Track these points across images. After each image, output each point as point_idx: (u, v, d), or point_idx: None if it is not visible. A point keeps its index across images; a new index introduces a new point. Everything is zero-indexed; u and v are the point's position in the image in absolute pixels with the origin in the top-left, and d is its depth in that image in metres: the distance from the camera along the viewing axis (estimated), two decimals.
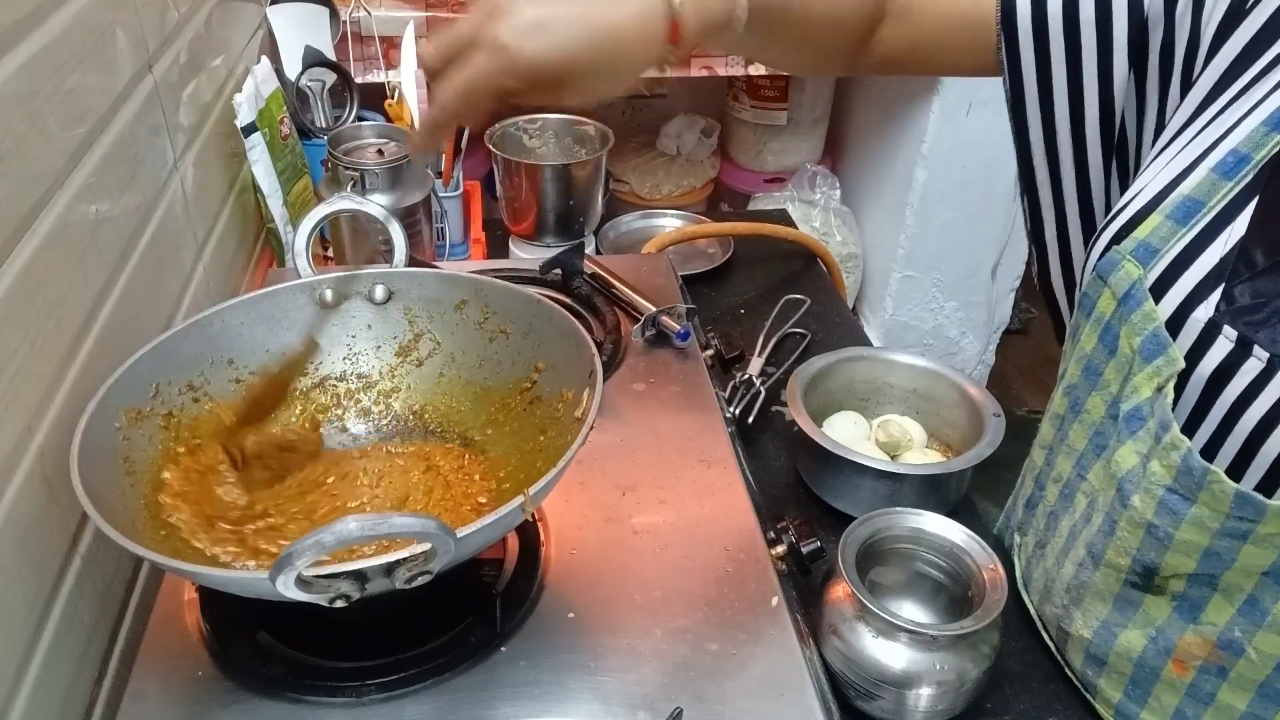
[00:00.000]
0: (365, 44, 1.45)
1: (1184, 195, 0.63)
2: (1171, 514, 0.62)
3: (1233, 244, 0.60)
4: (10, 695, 0.58)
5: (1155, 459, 0.63)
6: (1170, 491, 0.62)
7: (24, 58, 0.63)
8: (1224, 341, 0.59)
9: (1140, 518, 0.65)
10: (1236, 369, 0.59)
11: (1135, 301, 0.64)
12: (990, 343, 2.01)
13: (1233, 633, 0.64)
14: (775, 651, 0.65)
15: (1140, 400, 0.64)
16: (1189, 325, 0.61)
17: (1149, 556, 0.66)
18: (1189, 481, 0.60)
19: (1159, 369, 0.62)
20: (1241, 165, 0.61)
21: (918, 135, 1.75)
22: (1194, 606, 0.66)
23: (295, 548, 0.47)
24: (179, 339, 0.70)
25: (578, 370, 0.69)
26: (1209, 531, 0.61)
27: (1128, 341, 0.65)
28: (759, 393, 1.08)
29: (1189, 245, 0.62)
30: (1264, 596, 0.62)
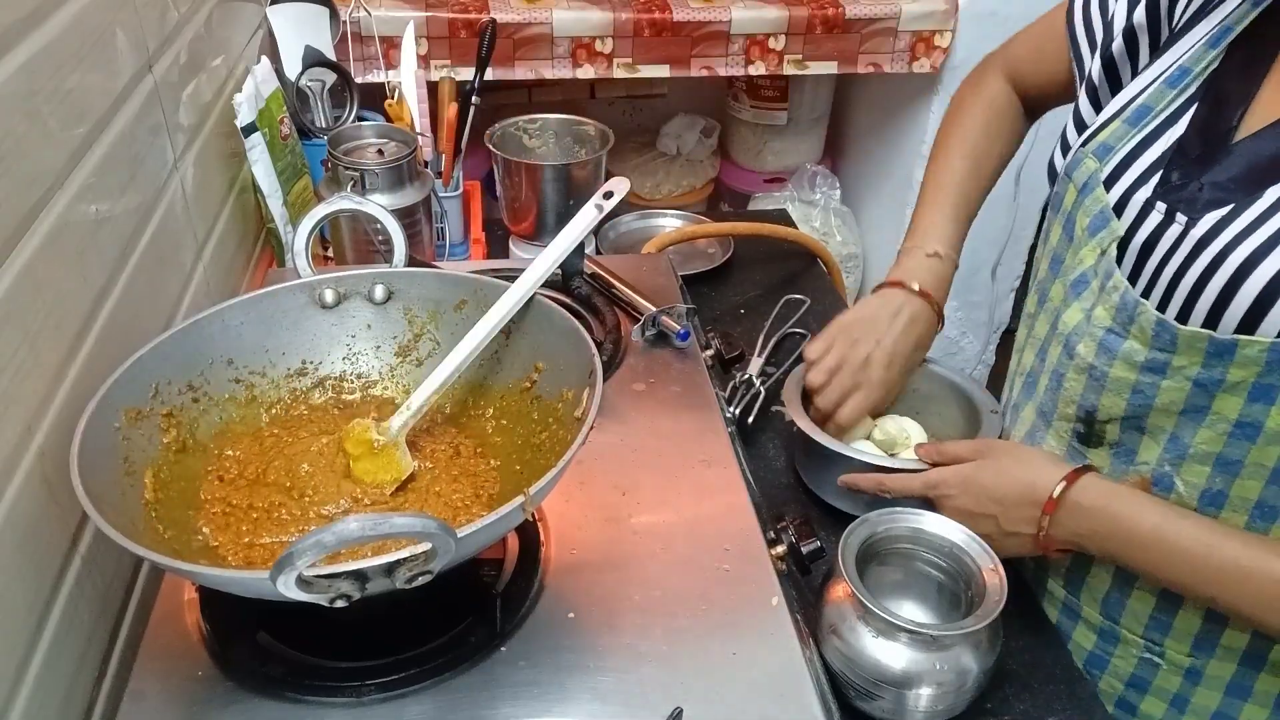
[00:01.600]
0: (365, 44, 1.45)
1: (1139, 104, 0.77)
2: (1108, 352, 0.75)
3: (1174, 140, 0.74)
4: (10, 695, 0.58)
5: (1099, 305, 0.76)
6: (1109, 332, 0.75)
7: (24, 58, 0.63)
8: (1155, 215, 0.73)
9: (1084, 363, 0.78)
10: (1163, 233, 0.72)
11: (1089, 189, 0.77)
12: (990, 343, 2.01)
13: (1163, 468, 0.75)
14: (775, 651, 0.65)
15: (1084, 268, 0.78)
16: (1130, 205, 0.75)
17: (1090, 400, 0.78)
18: (1124, 317, 0.73)
19: (1101, 240, 0.76)
20: (1185, 76, 0.75)
21: (918, 135, 1.75)
22: (1128, 451, 0.78)
23: (295, 548, 0.47)
24: (179, 339, 0.70)
25: (578, 370, 0.69)
26: (1136, 366, 0.73)
27: (1080, 224, 0.78)
28: (759, 393, 1.08)
29: (1139, 143, 0.76)
30: (1183, 434, 0.73)
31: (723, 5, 1.53)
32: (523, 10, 1.48)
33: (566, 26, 1.49)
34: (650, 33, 1.52)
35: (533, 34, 1.48)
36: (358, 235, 1.17)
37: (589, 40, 1.51)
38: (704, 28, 1.53)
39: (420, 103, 1.33)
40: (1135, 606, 0.80)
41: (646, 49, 1.53)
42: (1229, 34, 0.73)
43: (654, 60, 1.55)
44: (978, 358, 2.01)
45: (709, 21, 1.52)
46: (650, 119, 2.03)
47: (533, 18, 1.47)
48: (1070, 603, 0.86)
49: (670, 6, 1.53)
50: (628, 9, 1.52)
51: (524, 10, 1.48)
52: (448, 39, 1.47)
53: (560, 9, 1.49)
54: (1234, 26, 0.73)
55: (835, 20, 1.55)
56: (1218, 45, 0.74)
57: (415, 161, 1.18)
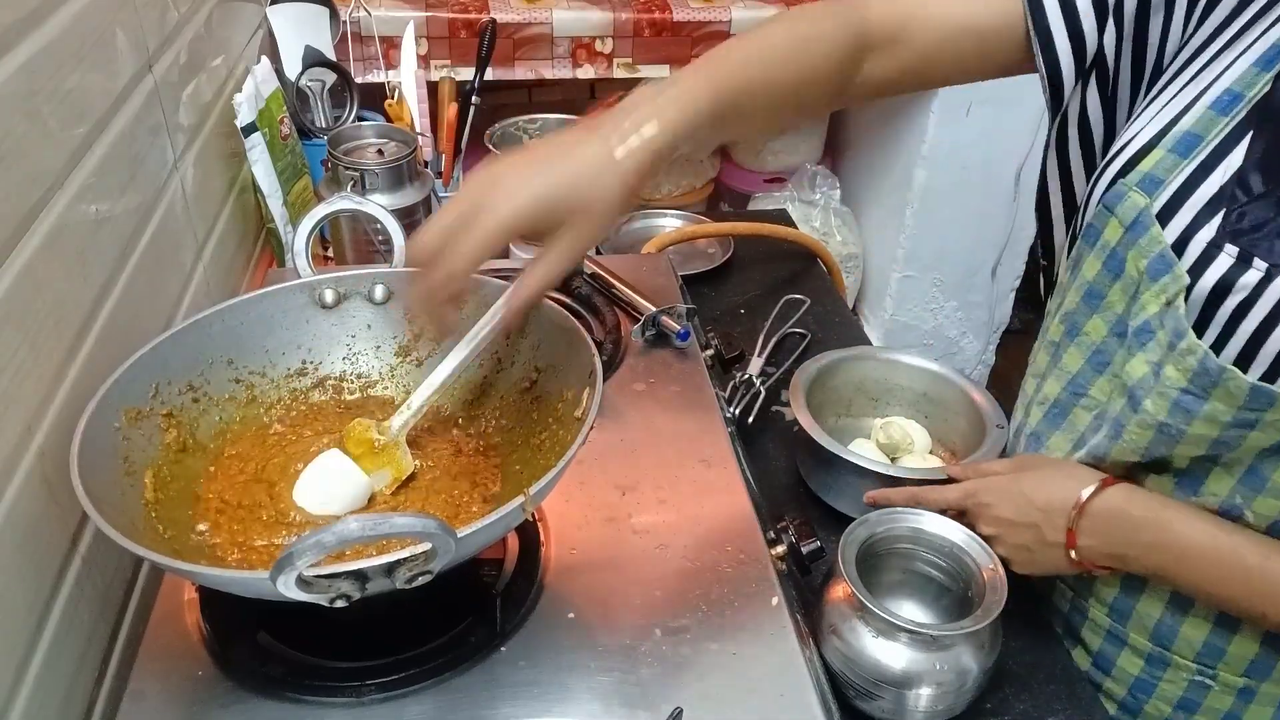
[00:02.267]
0: (365, 44, 1.45)
1: (1184, 130, 0.69)
2: (1185, 413, 0.68)
3: (1231, 173, 0.67)
4: (10, 695, 0.58)
5: (1169, 364, 0.68)
6: (1184, 393, 0.67)
7: (24, 58, 0.63)
8: (1225, 258, 0.66)
9: (1151, 420, 0.70)
10: (1236, 280, 0.65)
11: (1142, 227, 0.70)
12: (990, 343, 2.01)
13: (1233, 500, 0.70)
14: (775, 651, 0.65)
15: (1148, 315, 0.70)
16: (1192, 246, 0.67)
17: (1158, 452, 0.72)
18: (1204, 381, 0.66)
19: (1165, 286, 0.68)
20: (1235, 102, 0.68)
21: (918, 135, 1.75)
22: (1195, 480, 0.72)
23: (296, 548, 0.47)
24: (179, 339, 0.70)
25: (578, 370, 0.69)
26: (1219, 425, 0.67)
27: (1134, 264, 0.71)
28: (759, 393, 1.08)
29: (1191, 175, 0.68)
30: (1263, 466, 0.68)
31: (723, 5, 1.53)
32: (523, 10, 1.48)
33: (566, 26, 1.49)
34: (650, 33, 1.52)
35: (533, 34, 1.48)
36: (358, 235, 1.17)
37: (589, 40, 1.51)
38: (704, 28, 1.53)
39: (420, 103, 1.33)
40: (1189, 633, 0.76)
41: (646, 49, 1.53)
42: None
43: (654, 60, 1.55)
44: (978, 358, 2.01)
45: (709, 21, 1.52)
46: None
47: (533, 18, 1.47)
48: (1116, 631, 0.81)
49: (670, 6, 1.53)
50: (628, 9, 1.52)
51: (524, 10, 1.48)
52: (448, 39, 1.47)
53: (560, 9, 1.49)
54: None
55: None
56: (1270, 67, 0.67)
57: (415, 161, 1.18)
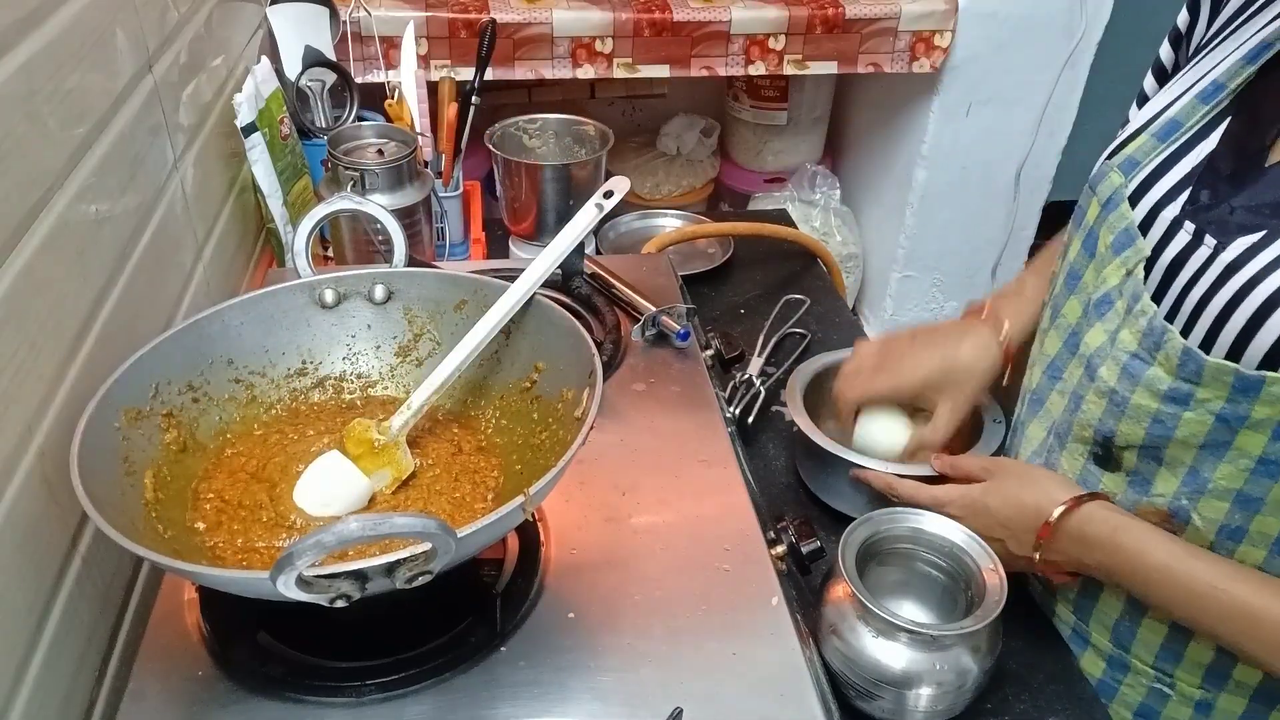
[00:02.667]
0: (365, 44, 1.45)
1: (1169, 118, 0.74)
2: (1131, 378, 0.72)
3: (1204, 157, 0.71)
4: (10, 695, 0.58)
5: (1125, 329, 0.73)
6: (1133, 357, 0.72)
7: (24, 58, 0.63)
8: (1183, 235, 0.70)
9: (1105, 386, 0.74)
10: (1190, 255, 0.69)
11: (1114, 205, 0.75)
12: None
13: (1180, 501, 0.72)
14: (775, 651, 0.65)
15: (1109, 287, 0.75)
16: (1158, 223, 0.72)
17: (1108, 425, 0.75)
18: (1150, 343, 0.70)
19: (1126, 259, 0.73)
20: (1218, 92, 0.72)
21: (918, 135, 1.75)
22: (1144, 481, 0.75)
23: (296, 548, 0.47)
24: (179, 339, 0.70)
25: (578, 370, 0.69)
26: (1158, 395, 0.70)
27: (1103, 241, 0.75)
28: (759, 393, 1.08)
29: (1166, 158, 0.73)
30: (1203, 468, 0.70)
31: (723, 5, 1.53)
32: (523, 10, 1.48)
33: (566, 26, 1.49)
34: (650, 33, 1.52)
35: (533, 34, 1.48)
36: (358, 235, 1.16)
37: (589, 40, 1.51)
38: (704, 28, 1.53)
39: (420, 103, 1.33)
40: (1146, 635, 0.78)
41: (646, 49, 1.53)
42: (1268, 50, 0.70)
43: (654, 60, 1.55)
44: None
45: (709, 21, 1.52)
46: (650, 119, 2.03)
47: (533, 18, 1.47)
48: (1079, 629, 0.84)
49: (670, 6, 1.53)
50: (628, 9, 1.51)
51: (524, 10, 1.48)
52: (448, 39, 1.47)
53: (560, 9, 1.49)
54: (1274, 43, 0.70)
55: (835, 20, 1.55)
56: (1255, 61, 0.70)
57: (415, 161, 1.18)
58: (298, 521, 0.66)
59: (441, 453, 0.74)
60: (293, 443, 0.73)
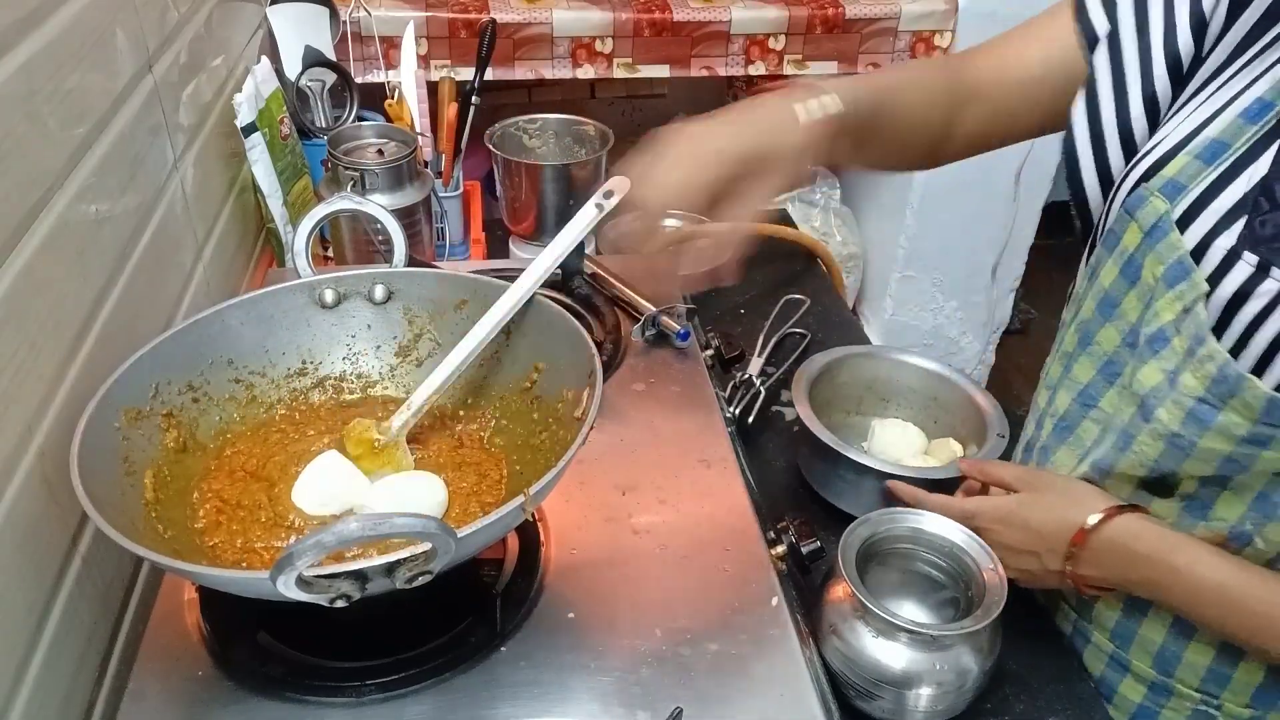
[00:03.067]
0: (365, 44, 1.45)
1: (1210, 138, 0.68)
2: (1199, 423, 0.66)
3: (1256, 181, 0.65)
4: (10, 695, 0.58)
5: (1187, 372, 0.66)
6: (1200, 401, 0.66)
7: (24, 58, 0.63)
8: (1244, 265, 0.64)
9: (1164, 429, 0.68)
10: (1255, 288, 0.63)
11: (1161, 233, 0.68)
12: (990, 343, 2.01)
13: (1243, 526, 0.69)
14: (775, 651, 0.65)
15: (1163, 322, 0.68)
16: (1211, 253, 0.65)
17: (1166, 466, 0.70)
18: (1222, 389, 0.64)
19: (1182, 293, 0.67)
20: (1266, 110, 0.66)
21: None
22: (1203, 505, 0.70)
23: (296, 548, 0.47)
24: (179, 339, 0.70)
25: (578, 370, 0.69)
26: (1233, 439, 0.65)
27: (1151, 271, 0.69)
28: (759, 393, 1.08)
29: (1214, 181, 0.67)
30: (1274, 492, 0.66)
31: (723, 5, 1.53)
32: (523, 10, 1.48)
33: (566, 26, 1.49)
34: (650, 33, 1.52)
35: (533, 34, 1.48)
36: (358, 235, 1.16)
37: (589, 40, 1.51)
38: (704, 28, 1.53)
39: (420, 103, 1.33)
40: (1192, 659, 0.76)
41: (646, 49, 1.53)
42: None
43: (654, 60, 1.55)
44: (978, 358, 2.01)
45: (709, 21, 1.52)
46: (650, 119, 2.03)
47: (533, 18, 1.47)
48: (1119, 656, 0.81)
49: (670, 6, 1.53)
50: (628, 9, 1.51)
51: (524, 10, 1.48)
52: (448, 39, 1.47)
53: (560, 9, 1.49)
54: None
55: (835, 20, 1.54)
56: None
57: (415, 161, 1.18)
58: (296, 521, 0.66)
59: (444, 444, 0.73)
60: (293, 442, 0.73)
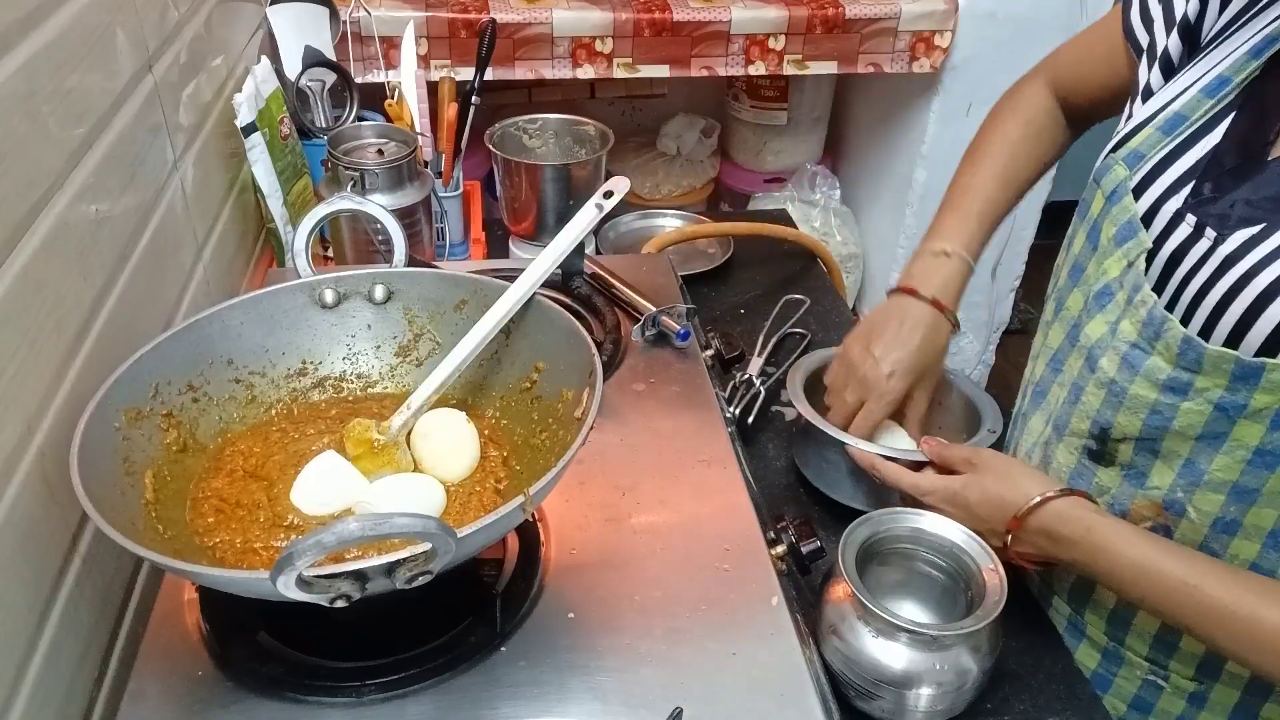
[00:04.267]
0: (365, 44, 1.45)
1: (1174, 111, 0.74)
2: (1130, 368, 0.73)
3: (1208, 150, 0.71)
4: (10, 695, 0.58)
5: (1125, 319, 0.73)
6: (1133, 347, 0.72)
7: (24, 58, 0.63)
8: (1184, 227, 0.70)
9: (1105, 377, 0.75)
10: (1190, 247, 0.70)
11: (1117, 198, 0.75)
12: (990, 343, 2.01)
13: (1175, 494, 0.73)
14: (775, 651, 0.65)
15: (1109, 279, 0.75)
16: (1160, 215, 0.72)
17: (1106, 416, 0.76)
18: (1150, 332, 0.71)
19: (1128, 251, 0.74)
20: (1223, 86, 0.72)
21: (918, 135, 1.75)
22: (1139, 474, 0.75)
23: (296, 548, 0.47)
24: (179, 339, 0.70)
25: (578, 370, 0.69)
26: (1157, 385, 0.71)
27: (1106, 233, 0.76)
28: (759, 393, 1.08)
29: (1171, 151, 0.73)
30: (1199, 459, 0.71)
31: (723, 5, 1.53)
32: (523, 10, 1.48)
33: (566, 26, 1.49)
34: (650, 33, 1.52)
35: (533, 34, 1.48)
36: (358, 235, 1.16)
37: (589, 40, 1.51)
38: (704, 28, 1.53)
39: (420, 103, 1.33)
40: (1140, 625, 0.79)
41: (646, 49, 1.53)
42: (1274, 45, 0.70)
43: (654, 60, 1.55)
44: (978, 358, 2.01)
45: (709, 21, 1.52)
46: (650, 119, 2.03)
47: (533, 18, 1.47)
48: (1075, 621, 0.85)
49: (670, 6, 1.53)
50: (628, 9, 1.51)
51: (524, 10, 1.48)
52: (448, 39, 1.47)
53: (560, 9, 1.49)
54: (1279, 37, 0.70)
55: (835, 20, 1.55)
56: (1261, 55, 0.71)
57: (415, 161, 1.18)
58: (296, 521, 0.66)
59: None
60: (292, 442, 0.73)
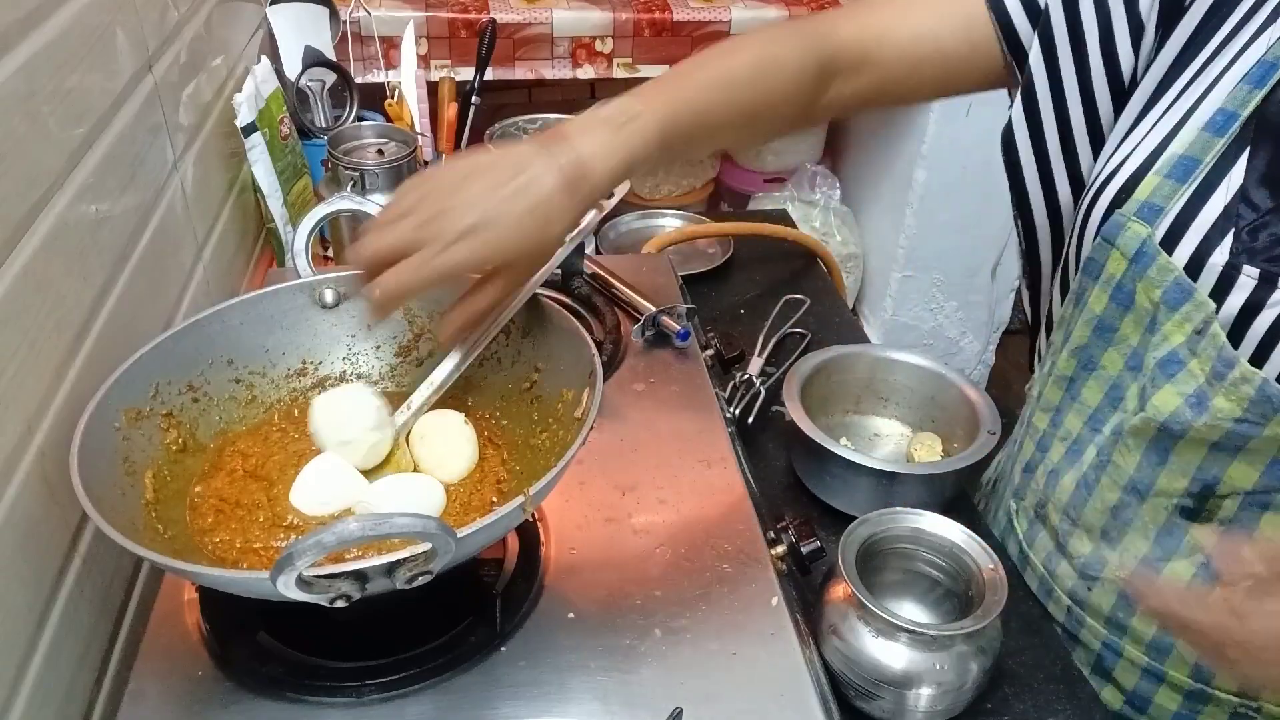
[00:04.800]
0: (365, 44, 1.45)
1: (1177, 155, 0.67)
2: (1240, 437, 0.66)
3: (1234, 191, 0.65)
4: (10, 695, 0.58)
5: (1219, 395, 0.65)
6: (1239, 421, 0.65)
7: (24, 58, 0.63)
8: (1246, 280, 0.63)
9: (1202, 440, 0.68)
10: (1264, 302, 0.63)
11: (1148, 258, 0.68)
12: (990, 343, 2.01)
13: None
14: (775, 651, 0.65)
15: (1174, 346, 0.68)
16: (1207, 270, 0.65)
17: (1211, 472, 0.69)
18: (1264, 409, 0.64)
19: (1189, 314, 0.66)
20: (1230, 121, 0.66)
21: (918, 135, 1.75)
22: (1243, 528, 0.69)
23: (295, 548, 0.47)
24: (179, 339, 0.70)
25: (578, 370, 0.69)
26: (1277, 444, 0.65)
27: (1146, 295, 0.69)
28: (759, 393, 1.08)
29: (1191, 198, 0.66)
30: None
31: (722, 5, 1.53)
32: (523, 10, 1.48)
33: (566, 26, 1.49)
34: (650, 33, 1.52)
35: (533, 34, 1.48)
36: (358, 235, 1.16)
37: (589, 40, 1.51)
38: (704, 28, 1.53)
39: (420, 103, 1.34)
40: None
41: (646, 49, 1.53)
42: (1274, 71, 0.65)
43: (654, 60, 1.55)
44: (978, 358, 2.01)
45: (709, 21, 1.52)
46: None
47: (533, 18, 1.47)
48: (1153, 669, 0.79)
49: (670, 6, 1.53)
50: (628, 9, 1.52)
51: (524, 10, 1.48)
52: (448, 39, 1.47)
53: (560, 9, 1.49)
54: (1278, 63, 0.65)
55: None
56: (1263, 84, 0.65)
57: (415, 161, 1.18)
58: (296, 521, 0.66)
59: None
60: (292, 442, 0.73)
